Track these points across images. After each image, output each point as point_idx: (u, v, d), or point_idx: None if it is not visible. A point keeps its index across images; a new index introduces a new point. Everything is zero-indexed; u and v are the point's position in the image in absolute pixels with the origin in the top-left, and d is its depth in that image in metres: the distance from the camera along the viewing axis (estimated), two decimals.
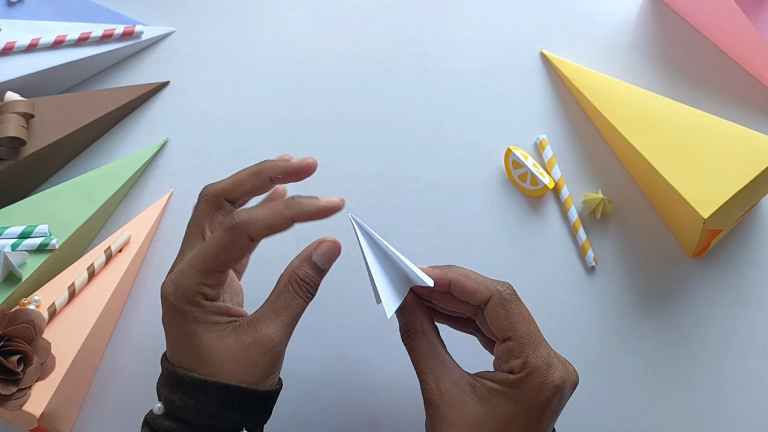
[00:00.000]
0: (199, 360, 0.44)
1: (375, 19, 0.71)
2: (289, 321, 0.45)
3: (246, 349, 0.44)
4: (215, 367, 0.43)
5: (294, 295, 0.46)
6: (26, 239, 0.58)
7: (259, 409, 0.45)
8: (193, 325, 0.44)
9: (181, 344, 0.45)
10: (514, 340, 0.44)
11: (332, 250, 0.47)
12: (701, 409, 0.59)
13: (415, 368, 0.46)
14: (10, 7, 0.67)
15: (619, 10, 0.71)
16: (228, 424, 0.43)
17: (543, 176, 0.63)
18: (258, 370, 0.44)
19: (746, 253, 0.63)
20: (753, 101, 0.67)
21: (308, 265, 0.47)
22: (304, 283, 0.46)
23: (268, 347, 0.44)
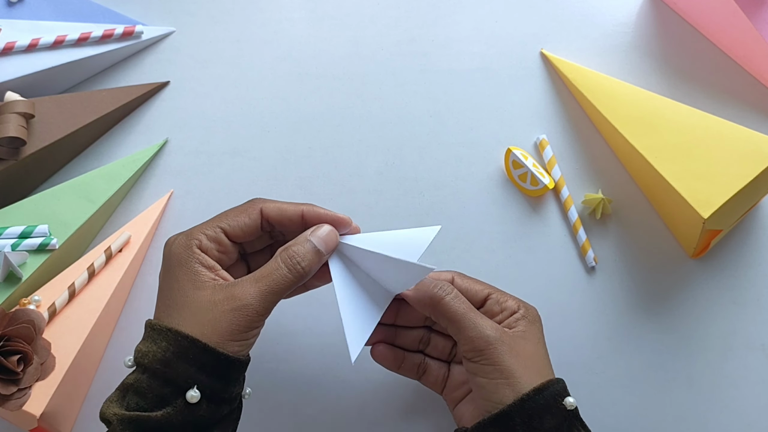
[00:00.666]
0: (171, 309, 0.45)
1: (375, 19, 0.71)
2: (267, 289, 0.45)
3: (215, 305, 0.44)
4: (183, 318, 0.44)
5: (279, 265, 0.46)
6: (26, 239, 0.58)
7: (214, 370, 0.44)
8: (178, 272, 0.45)
9: (164, 293, 0.46)
10: (495, 291, 0.50)
11: (330, 235, 0.48)
12: (701, 409, 0.59)
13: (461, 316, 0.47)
14: (10, 7, 0.67)
15: (619, 10, 0.71)
16: (178, 374, 0.43)
17: (543, 176, 0.63)
18: (221, 328, 0.44)
19: (746, 253, 0.63)
20: (753, 101, 0.67)
21: (303, 242, 0.47)
22: (294, 256, 0.46)
23: (235, 306, 0.44)
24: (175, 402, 0.43)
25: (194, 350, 0.43)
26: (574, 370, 0.60)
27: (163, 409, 0.43)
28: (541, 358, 0.48)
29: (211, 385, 0.44)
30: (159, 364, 0.43)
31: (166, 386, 0.43)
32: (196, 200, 0.65)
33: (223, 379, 0.44)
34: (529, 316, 0.49)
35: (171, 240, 0.48)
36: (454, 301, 0.48)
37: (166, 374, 0.43)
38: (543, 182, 0.63)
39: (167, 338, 0.44)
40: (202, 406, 0.43)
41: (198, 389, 0.43)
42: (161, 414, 0.43)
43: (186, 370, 0.43)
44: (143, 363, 0.44)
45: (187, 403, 0.43)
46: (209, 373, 0.43)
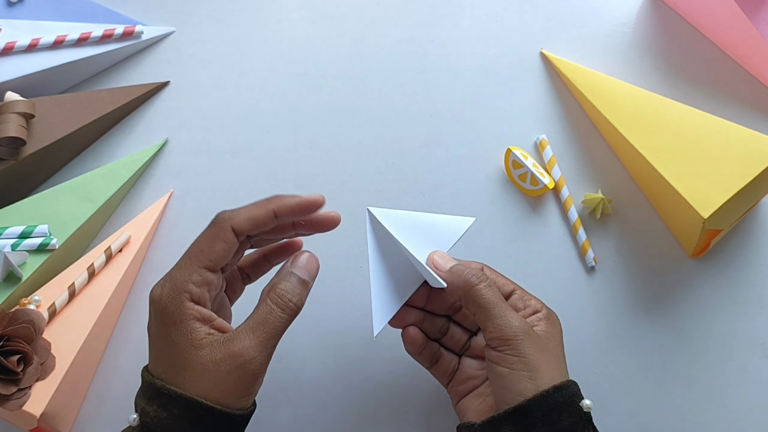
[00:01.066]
0: (173, 371, 0.43)
1: (375, 19, 0.71)
2: (265, 337, 0.44)
3: (217, 365, 0.43)
4: (188, 380, 0.43)
5: (272, 309, 0.45)
6: (26, 239, 0.58)
7: (227, 428, 0.43)
8: (173, 331, 0.43)
9: (161, 352, 0.44)
10: (518, 288, 0.52)
11: (310, 262, 0.47)
12: (701, 409, 0.59)
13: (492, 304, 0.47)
14: (10, 7, 0.67)
15: (619, 10, 0.71)
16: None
17: (543, 176, 0.63)
18: (228, 387, 0.43)
19: (746, 253, 0.63)
20: (753, 101, 0.67)
21: (286, 277, 0.46)
22: (284, 294, 0.45)
23: (238, 363, 0.43)
24: None
25: (210, 418, 0.42)
26: (574, 369, 0.60)
27: None
28: (559, 359, 0.49)
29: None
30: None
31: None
32: (196, 200, 0.65)
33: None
34: (551, 318, 0.50)
35: (157, 293, 0.45)
36: (487, 289, 0.48)
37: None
38: (543, 182, 0.62)
39: (179, 405, 0.42)
40: None
41: None
42: None
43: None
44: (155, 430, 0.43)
45: None
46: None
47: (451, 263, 0.50)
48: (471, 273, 0.49)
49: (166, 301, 0.44)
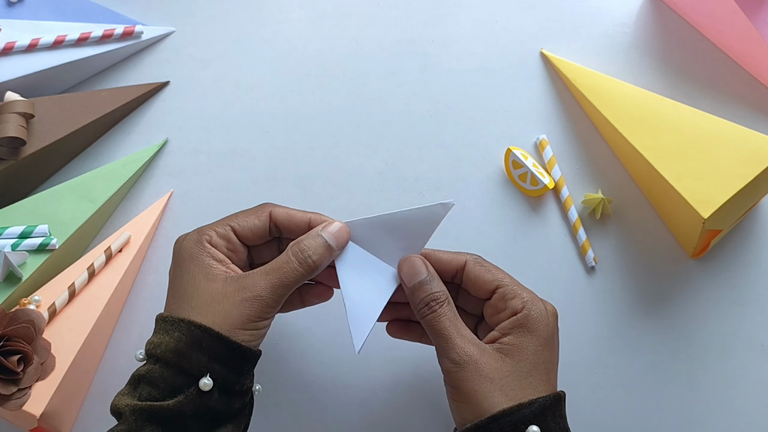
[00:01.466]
0: (182, 301, 0.46)
1: (375, 19, 0.71)
2: (277, 281, 0.46)
3: (226, 296, 0.45)
4: (194, 308, 0.45)
5: (290, 259, 0.47)
6: (26, 239, 0.58)
7: (227, 359, 0.44)
8: (189, 266, 0.46)
9: (175, 290, 0.47)
10: (503, 285, 0.48)
11: (341, 231, 0.49)
12: (701, 409, 0.59)
13: (437, 334, 0.47)
14: (10, 7, 0.67)
15: (619, 10, 0.71)
16: (191, 363, 0.43)
17: (543, 176, 0.63)
18: (232, 316, 0.44)
19: (746, 253, 0.63)
20: (753, 101, 0.67)
21: (314, 236, 0.48)
22: (305, 249, 0.47)
23: (246, 296, 0.45)
24: (188, 391, 0.43)
25: (207, 339, 0.44)
26: (574, 370, 0.60)
27: (176, 398, 0.43)
28: (523, 376, 0.45)
29: (223, 374, 0.44)
30: (172, 354, 0.44)
31: (179, 375, 0.44)
32: (196, 200, 0.65)
33: (235, 369, 0.45)
34: (528, 324, 0.46)
35: (181, 238, 0.49)
36: (436, 319, 0.47)
37: (179, 363, 0.44)
38: (543, 182, 0.63)
39: (180, 328, 0.44)
40: (213, 396, 0.44)
41: (210, 377, 0.43)
42: (173, 402, 0.43)
43: (199, 359, 0.43)
44: (155, 354, 0.44)
45: (200, 392, 0.43)
46: (222, 362, 0.44)
47: (417, 278, 0.48)
48: (422, 303, 0.47)
49: (188, 243, 0.47)
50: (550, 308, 0.48)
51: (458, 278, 0.50)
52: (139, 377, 0.45)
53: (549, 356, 0.47)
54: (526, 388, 0.45)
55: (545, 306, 0.48)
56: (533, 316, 0.47)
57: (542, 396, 0.44)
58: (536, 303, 0.48)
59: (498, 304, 0.48)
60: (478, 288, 0.49)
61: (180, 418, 0.43)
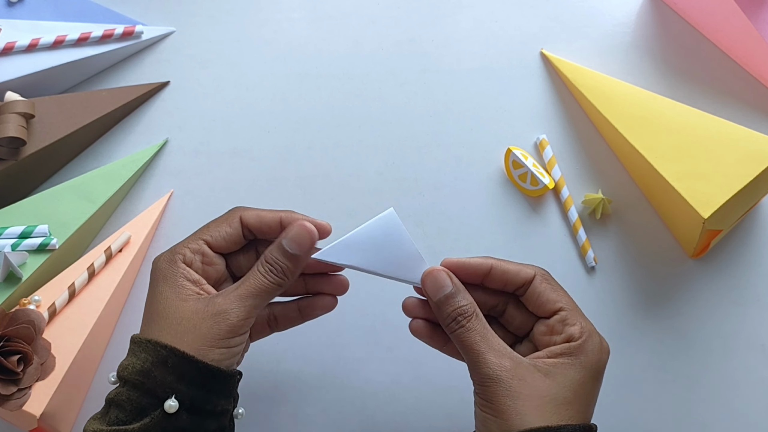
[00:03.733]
0: (153, 322, 0.45)
1: (375, 19, 0.71)
2: (245, 292, 0.45)
3: (195, 314, 0.44)
4: (164, 329, 0.44)
5: (256, 272, 0.46)
6: (26, 239, 0.58)
7: (194, 379, 0.43)
8: (162, 286, 0.45)
9: (148, 309, 0.46)
10: (567, 309, 0.46)
11: (300, 234, 0.46)
12: (701, 410, 0.59)
13: (467, 350, 0.45)
14: (10, 7, 0.67)
15: (619, 10, 0.71)
16: (156, 383, 0.42)
17: (543, 176, 0.63)
18: (201, 335, 0.43)
19: (746, 253, 0.63)
20: (753, 101, 0.67)
21: (276, 248, 0.46)
22: (269, 260, 0.46)
23: (215, 311, 0.44)
24: (153, 413, 0.42)
25: (173, 359, 0.43)
26: None
27: (141, 421, 0.42)
28: (561, 402, 0.43)
29: (191, 395, 0.43)
30: (138, 375, 0.43)
31: (144, 397, 0.43)
32: (196, 200, 0.65)
33: (204, 389, 0.43)
34: (581, 355, 0.44)
35: (156, 258, 0.48)
36: (464, 334, 0.45)
37: (144, 384, 0.43)
38: (543, 182, 0.62)
39: (147, 350, 0.43)
40: (181, 417, 0.43)
41: (177, 399, 0.42)
42: (138, 426, 0.42)
43: (164, 379, 0.42)
44: (124, 376, 0.44)
45: (166, 414, 0.42)
46: (188, 382, 0.43)
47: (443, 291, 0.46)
48: (449, 317, 0.46)
49: (162, 263, 0.46)
50: (605, 345, 0.46)
51: (521, 291, 0.48)
52: (109, 401, 0.44)
53: (592, 390, 0.46)
54: (562, 414, 0.43)
55: (601, 341, 0.46)
56: (588, 348, 0.45)
57: (572, 424, 0.43)
58: (594, 336, 0.46)
59: (555, 326, 0.46)
60: (539, 305, 0.47)
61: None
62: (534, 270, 0.48)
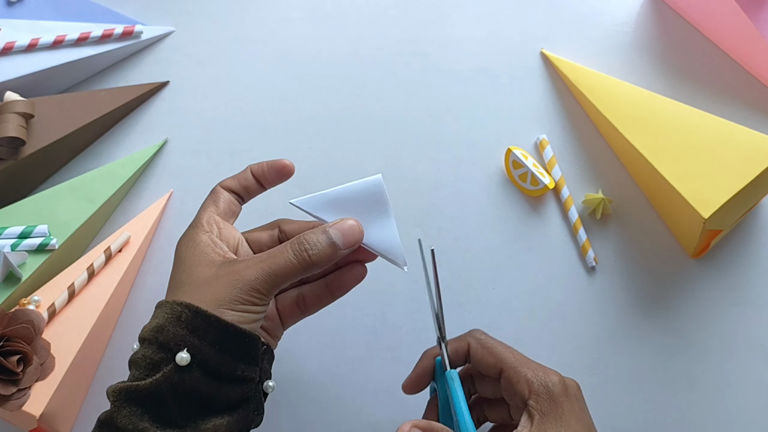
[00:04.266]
0: (176, 287, 0.45)
1: (375, 19, 0.71)
2: (267, 269, 0.43)
3: (216, 277, 0.44)
4: (184, 291, 0.44)
5: (286, 249, 0.44)
6: (26, 239, 0.58)
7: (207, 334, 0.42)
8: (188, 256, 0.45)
9: (171, 279, 0.46)
10: (506, 368, 0.46)
11: (352, 228, 0.46)
12: (701, 410, 0.59)
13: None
14: (10, 7, 0.67)
15: (619, 10, 0.71)
16: (169, 337, 0.42)
17: (543, 176, 0.63)
18: (218, 295, 0.43)
19: (746, 253, 0.63)
20: (753, 101, 0.67)
21: (319, 231, 0.45)
22: (304, 243, 0.45)
23: (234, 278, 0.43)
24: (166, 368, 0.41)
25: (186, 314, 0.42)
26: (575, 370, 0.60)
27: (154, 376, 0.41)
28: None
29: (204, 351, 0.42)
30: (153, 332, 0.42)
31: (158, 352, 0.42)
32: (196, 200, 0.64)
33: (218, 346, 0.42)
34: (539, 408, 0.43)
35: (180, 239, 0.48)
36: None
37: (158, 339, 0.42)
38: (543, 182, 0.62)
39: (164, 308, 0.43)
40: (194, 375, 0.41)
41: (189, 352, 0.41)
42: (150, 380, 0.41)
43: (177, 332, 0.42)
44: (141, 335, 0.43)
45: (178, 368, 0.41)
46: (201, 336, 0.42)
47: None
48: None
49: (184, 239, 0.47)
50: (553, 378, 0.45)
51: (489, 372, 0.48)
52: (129, 363, 0.43)
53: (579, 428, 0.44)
54: None
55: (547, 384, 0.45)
56: (543, 401, 0.44)
57: None
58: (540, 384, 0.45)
59: (507, 389, 0.46)
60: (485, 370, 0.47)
61: (158, 396, 0.41)
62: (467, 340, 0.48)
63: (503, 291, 0.62)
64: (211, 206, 0.49)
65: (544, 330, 0.61)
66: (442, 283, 0.64)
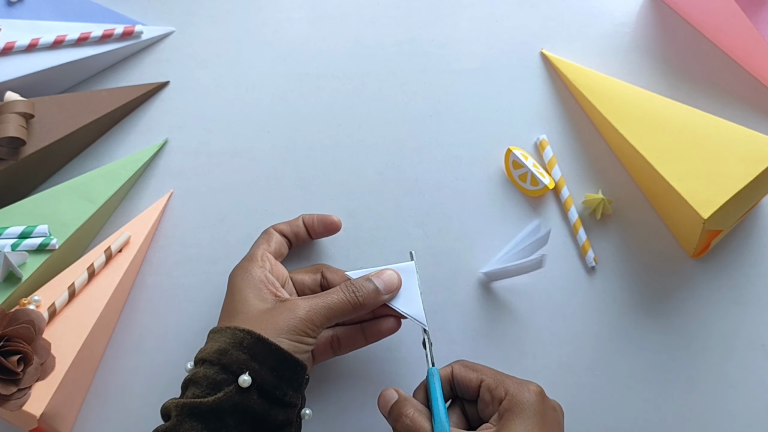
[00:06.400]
0: (232, 316, 0.50)
1: (375, 19, 0.71)
2: (321, 302, 0.50)
3: (274, 310, 0.49)
4: (242, 319, 0.49)
5: (338, 290, 0.51)
6: (26, 239, 0.58)
7: (266, 360, 0.47)
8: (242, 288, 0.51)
9: (226, 308, 0.51)
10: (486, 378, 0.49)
11: (392, 278, 0.53)
12: (701, 410, 0.59)
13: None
14: (10, 7, 0.67)
15: (619, 10, 0.71)
16: (232, 361, 0.46)
17: (543, 176, 0.63)
18: (276, 325, 0.48)
19: (746, 253, 0.63)
20: (753, 101, 0.67)
21: (364, 279, 0.52)
22: (354, 284, 0.51)
23: (291, 312, 0.49)
24: (228, 388, 0.46)
25: (248, 340, 0.47)
26: (575, 370, 0.60)
27: (216, 395, 0.46)
28: None
29: (263, 375, 0.46)
30: (215, 354, 0.47)
31: (220, 373, 0.46)
32: (196, 200, 0.65)
33: (274, 372, 0.47)
34: (514, 408, 0.47)
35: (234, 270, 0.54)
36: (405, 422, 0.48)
37: (221, 361, 0.47)
38: (543, 182, 0.62)
39: (225, 334, 0.48)
40: (253, 397, 0.46)
41: (250, 375, 0.46)
42: (213, 399, 0.45)
43: (239, 357, 0.46)
44: (201, 357, 0.48)
45: (239, 389, 0.46)
46: (261, 362, 0.46)
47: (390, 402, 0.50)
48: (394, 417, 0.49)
49: (240, 271, 0.53)
50: (533, 388, 0.48)
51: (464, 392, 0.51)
52: (187, 381, 0.48)
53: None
54: None
55: (528, 387, 0.48)
56: (517, 399, 0.47)
57: None
58: (519, 386, 0.48)
59: (485, 397, 0.49)
60: (467, 389, 0.50)
61: (219, 414, 0.45)
62: (452, 366, 0.51)
63: (503, 291, 0.62)
64: (264, 244, 0.56)
65: (544, 330, 0.61)
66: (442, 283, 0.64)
